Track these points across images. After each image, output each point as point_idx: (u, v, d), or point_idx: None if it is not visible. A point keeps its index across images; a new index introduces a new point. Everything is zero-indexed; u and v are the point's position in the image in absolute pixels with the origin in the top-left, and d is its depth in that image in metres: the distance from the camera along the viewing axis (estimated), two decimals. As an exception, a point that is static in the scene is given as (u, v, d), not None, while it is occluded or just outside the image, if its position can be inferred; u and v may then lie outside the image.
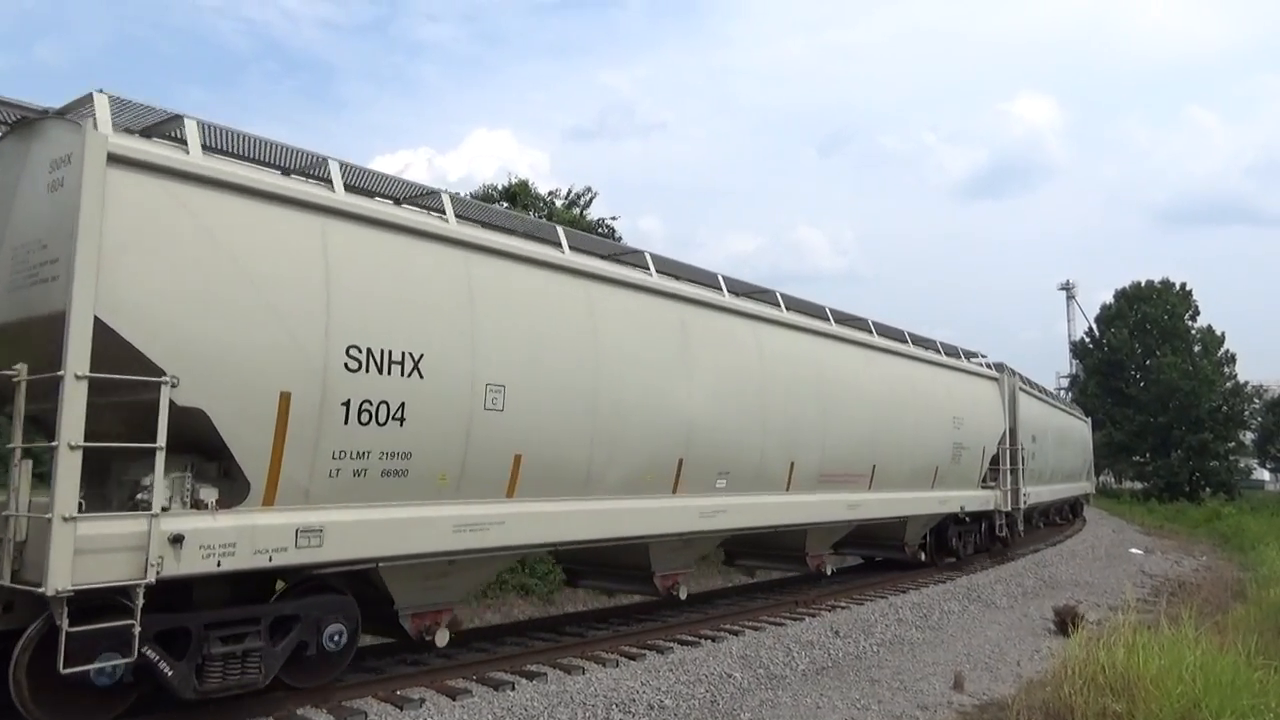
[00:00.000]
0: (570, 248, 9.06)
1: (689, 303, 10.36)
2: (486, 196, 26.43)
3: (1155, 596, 15.86)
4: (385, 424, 7.03)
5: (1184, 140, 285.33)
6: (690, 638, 10.46)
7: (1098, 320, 62.74)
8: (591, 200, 28.21)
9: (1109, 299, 62.47)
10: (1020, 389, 20.86)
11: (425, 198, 8.08)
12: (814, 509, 12.34)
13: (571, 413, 8.61)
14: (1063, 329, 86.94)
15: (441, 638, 7.98)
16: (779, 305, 12.18)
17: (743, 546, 13.70)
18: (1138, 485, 60.14)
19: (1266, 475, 75.19)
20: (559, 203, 28.84)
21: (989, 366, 20.00)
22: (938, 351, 17.11)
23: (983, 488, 18.45)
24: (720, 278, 11.17)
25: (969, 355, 19.00)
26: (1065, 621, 11.87)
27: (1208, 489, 52.89)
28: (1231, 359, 58.31)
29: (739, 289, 11.71)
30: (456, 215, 8.06)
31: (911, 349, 15.79)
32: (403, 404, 7.13)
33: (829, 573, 13.57)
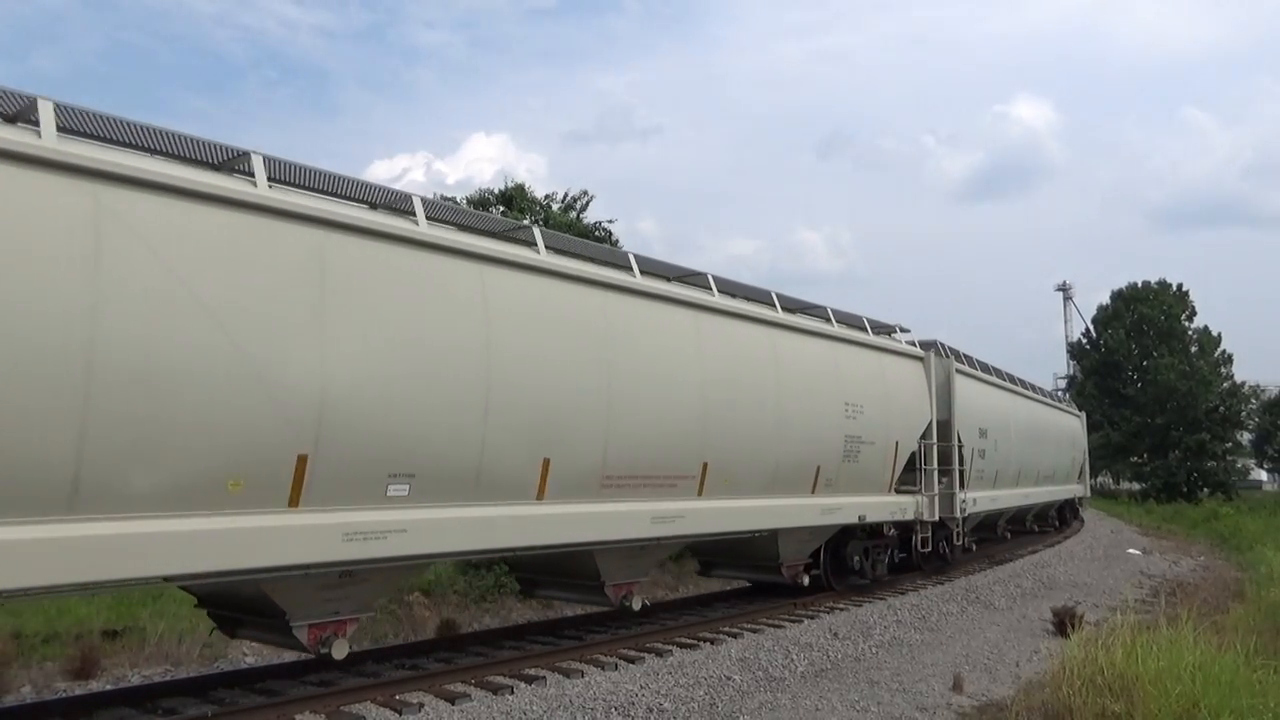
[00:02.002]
0: (61, 130, 5.37)
1: (336, 229, 6.57)
2: (483, 201, 24.08)
3: (1154, 597, 14.69)
4: None
5: (1181, 142, 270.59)
6: (689, 640, 9.82)
7: (1095, 321, 58.24)
8: (588, 203, 26.07)
9: (1106, 300, 57.79)
10: (960, 372, 16.17)
11: None
12: (588, 524, 8.39)
13: (30, 383, 4.94)
14: (1060, 330, 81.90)
15: None
16: (534, 245, 8.31)
17: (537, 574, 9.88)
18: (1135, 486, 55.42)
19: (1264, 475, 69.82)
20: (555, 206, 26.50)
21: (914, 344, 15.32)
22: (826, 320, 12.74)
23: (898, 492, 14.21)
24: (417, 200, 7.33)
25: (880, 328, 14.40)
26: (1064, 622, 11.04)
27: (1205, 489, 48.45)
28: (1228, 359, 53.57)
29: (467, 221, 7.94)
30: None
31: (779, 315, 11.48)
32: None
33: (636, 607, 9.59)
